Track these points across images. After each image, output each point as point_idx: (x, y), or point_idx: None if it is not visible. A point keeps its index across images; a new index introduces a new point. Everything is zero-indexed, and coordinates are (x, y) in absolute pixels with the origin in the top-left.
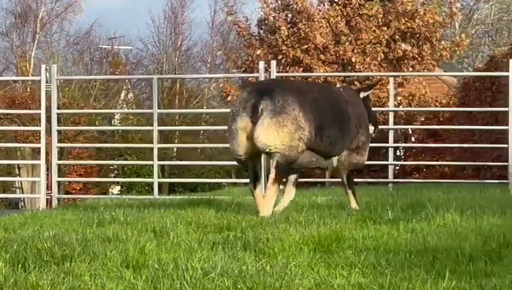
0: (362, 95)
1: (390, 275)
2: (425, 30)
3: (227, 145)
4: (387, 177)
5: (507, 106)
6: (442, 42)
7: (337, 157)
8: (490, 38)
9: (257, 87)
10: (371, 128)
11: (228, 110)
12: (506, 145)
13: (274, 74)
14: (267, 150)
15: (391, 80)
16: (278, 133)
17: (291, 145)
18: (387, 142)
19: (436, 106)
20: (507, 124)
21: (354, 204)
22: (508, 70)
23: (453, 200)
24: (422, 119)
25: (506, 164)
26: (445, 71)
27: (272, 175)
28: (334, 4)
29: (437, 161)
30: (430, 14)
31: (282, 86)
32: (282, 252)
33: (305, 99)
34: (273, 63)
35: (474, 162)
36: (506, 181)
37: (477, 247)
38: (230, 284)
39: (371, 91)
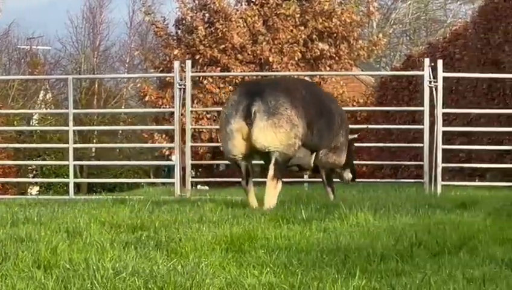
0: None
1: (301, 275)
2: (342, 29)
3: (148, 145)
4: (303, 177)
5: (423, 105)
6: (360, 42)
7: (313, 156)
8: (408, 38)
9: (247, 89)
10: None
11: (146, 110)
12: (422, 145)
13: (189, 74)
14: (267, 150)
15: (308, 79)
16: (276, 135)
17: (289, 144)
18: None
19: (353, 106)
20: (423, 124)
21: (331, 196)
22: (423, 70)
23: (367, 199)
24: None
25: (422, 163)
26: (362, 70)
27: (271, 172)
28: (252, 4)
29: (355, 160)
30: (348, 13)
31: (272, 86)
32: (194, 251)
33: (295, 97)
34: (188, 63)
35: (391, 162)
36: (421, 180)
37: (389, 246)
38: (141, 284)
39: None
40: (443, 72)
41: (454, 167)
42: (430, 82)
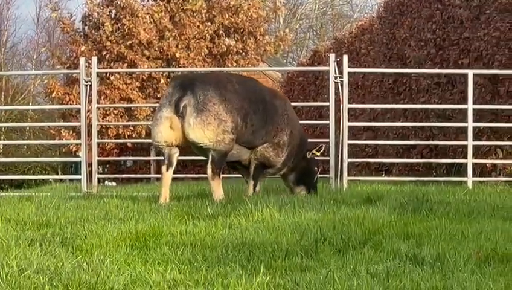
0: None
1: (206, 271)
2: (249, 25)
3: (54, 141)
4: None
5: (329, 101)
6: (266, 37)
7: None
8: (314, 33)
9: (180, 82)
10: None
11: (53, 106)
12: (328, 140)
13: (95, 71)
14: (198, 146)
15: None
16: (204, 132)
17: (218, 140)
18: None
19: None
20: (329, 119)
21: (250, 192)
22: (329, 65)
23: (273, 194)
24: None
25: (328, 158)
26: (269, 66)
27: (209, 170)
28: (158, 0)
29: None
30: (254, 9)
31: (203, 80)
32: (99, 248)
33: (226, 90)
34: (94, 59)
35: None
36: (327, 176)
37: (294, 242)
38: (45, 281)
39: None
40: (349, 67)
41: (361, 161)
42: (335, 77)
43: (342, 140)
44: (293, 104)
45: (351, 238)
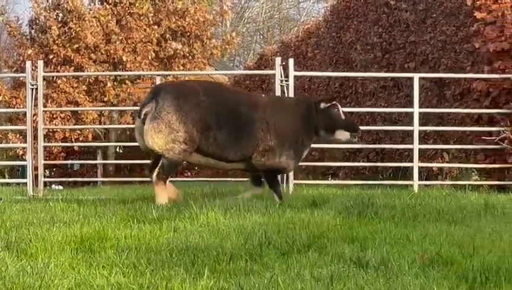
0: (323, 105)
1: (150, 275)
2: (196, 29)
3: (0, 145)
4: None
5: None
6: (213, 40)
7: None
8: (261, 36)
9: (152, 90)
10: (345, 134)
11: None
12: None
13: (41, 74)
14: (154, 151)
15: (157, 78)
16: (154, 139)
17: (167, 148)
18: None
19: None
20: None
21: (277, 200)
22: (275, 69)
23: (219, 198)
24: None
25: None
26: (216, 69)
27: (155, 174)
28: (105, 3)
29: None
30: (201, 12)
31: (168, 89)
32: (43, 252)
33: (186, 101)
34: (40, 63)
35: None
36: None
37: (239, 245)
38: None
39: (332, 102)
40: (295, 70)
41: (307, 165)
42: (281, 81)
43: None
44: None
45: (296, 241)
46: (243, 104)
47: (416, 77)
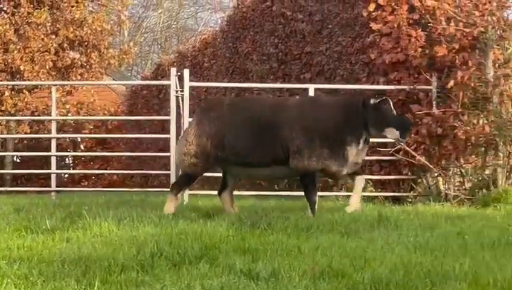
0: (373, 101)
1: (41, 286)
2: (93, 38)
3: None
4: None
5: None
6: (111, 50)
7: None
8: (159, 46)
9: None
10: (396, 132)
11: None
12: (169, 154)
13: None
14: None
15: (53, 88)
16: (176, 151)
17: (180, 160)
18: (51, 151)
19: (104, 114)
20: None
21: (309, 213)
22: (170, 79)
23: (113, 208)
24: (91, 127)
25: (169, 172)
26: (114, 79)
27: (171, 183)
28: (3, 12)
29: (106, 169)
30: (99, 22)
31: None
32: None
33: (205, 114)
34: None
35: (141, 170)
36: (168, 189)
37: (131, 256)
38: None
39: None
40: (191, 81)
41: (204, 176)
42: (176, 91)
43: None
44: (134, 118)
45: (188, 253)
46: (267, 109)
47: (311, 87)
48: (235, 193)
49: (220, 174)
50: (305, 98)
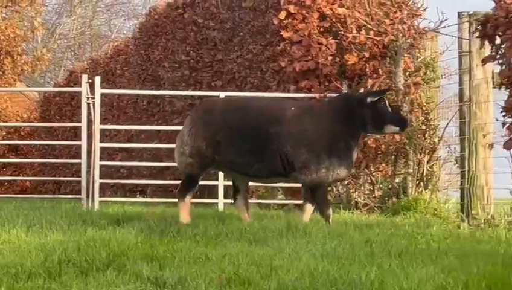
0: (370, 100)
1: None
2: (6, 44)
3: None
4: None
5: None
6: (24, 56)
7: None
8: (73, 53)
9: None
10: (393, 128)
11: None
12: (81, 160)
13: None
14: None
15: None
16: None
17: (177, 162)
18: None
19: (17, 121)
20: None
21: (306, 218)
22: (81, 86)
23: (22, 215)
24: (4, 133)
25: (80, 179)
26: (27, 86)
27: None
28: None
29: (19, 175)
30: (12, 28)
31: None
32: None
33: (201, 114)
34: None
35: (53, 177)
36: (79, 196)
37: (38, 263)
38: None
39: (380, 95)
40: (103, 88)
41: (115, 182)
42: (87, 98)
43: (94, 161)
44: (47, 124)
45: (96, 260)
46: (264, 119)
47: (222, 95)
48: (149, 199)
49: (132, 181)
50: (302, 105)
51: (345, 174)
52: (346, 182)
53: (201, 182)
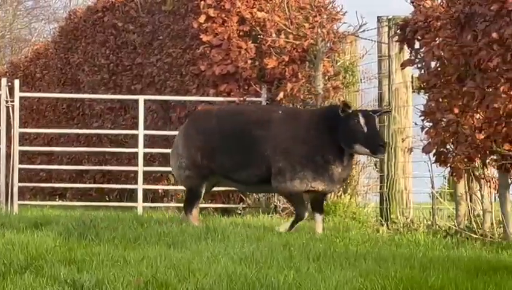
0: (342, 113)
1: None
2: None
3: None
4: None
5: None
6: None
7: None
8: None
9: None
10: (364, 149)
11: None
12: None
13: None
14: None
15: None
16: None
17: (176, 175)
18: None
19: None
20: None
21: (319, 229)
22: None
23: None
24: None
25: None
26: None
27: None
28: None
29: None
30: None
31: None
32: None
33: (194, 124)
34: None
35: None
36: None
37: None
38: None
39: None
40: (22, 91)
41: (35, 186)
42: (7, 102)
43: (13, 164)
44: None
45: (13, 263)
46: (253, 123)
47: (141, 99)
48: (68, 203)
49: (51, 185)
50: (286, 110)
51: (323, 187)
52: None
53: (120, 186)
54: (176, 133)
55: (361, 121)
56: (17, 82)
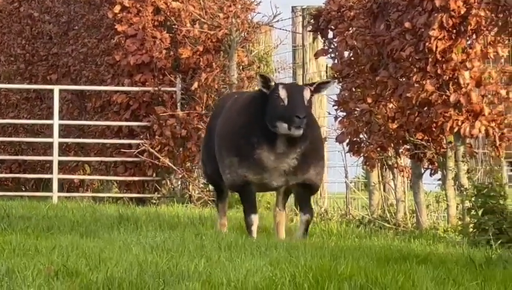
0: (263, 88)
1: None
2: None
3: None
4: None
5: None
6: None
7: None
8: None
9: None
10: (283, 127)
11: None
12: None
13: None
14: None
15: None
16: None
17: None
18: None
19: None
20: None
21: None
22: None
23: None
24: None
25: None
26: None
27: None
28: None
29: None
30: None
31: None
32: None
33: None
34: None
35: None
36: None
37: None
38: None
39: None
40: None
41: None
42: None
43: None
44: None
45: None
46: (219, 112)
47: (56, 88)
48: None
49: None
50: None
51: (254, 176)
52: (180, 176)
53: (35, 175)
54: (90, 123)
55: (282, 93)
56: None
